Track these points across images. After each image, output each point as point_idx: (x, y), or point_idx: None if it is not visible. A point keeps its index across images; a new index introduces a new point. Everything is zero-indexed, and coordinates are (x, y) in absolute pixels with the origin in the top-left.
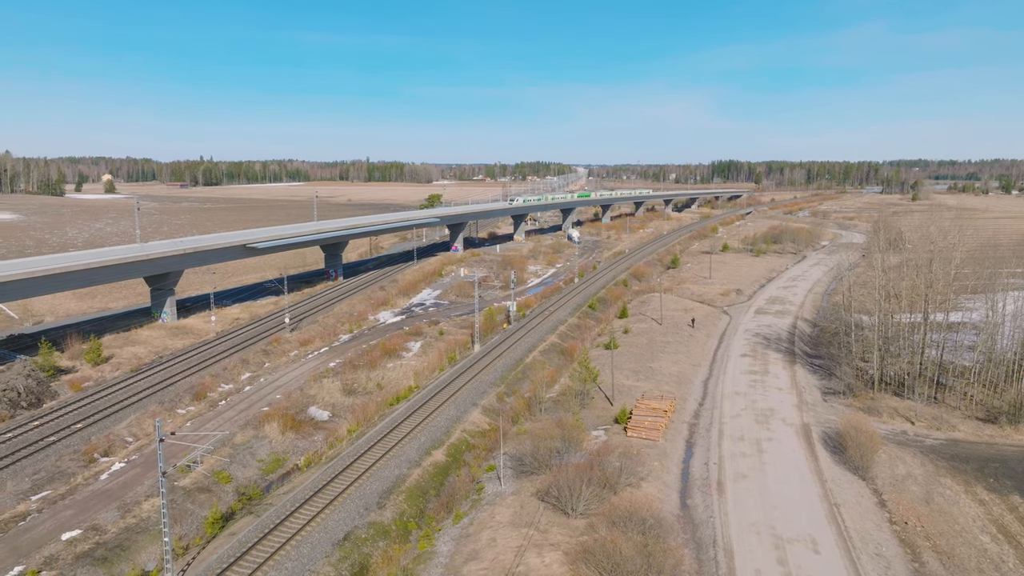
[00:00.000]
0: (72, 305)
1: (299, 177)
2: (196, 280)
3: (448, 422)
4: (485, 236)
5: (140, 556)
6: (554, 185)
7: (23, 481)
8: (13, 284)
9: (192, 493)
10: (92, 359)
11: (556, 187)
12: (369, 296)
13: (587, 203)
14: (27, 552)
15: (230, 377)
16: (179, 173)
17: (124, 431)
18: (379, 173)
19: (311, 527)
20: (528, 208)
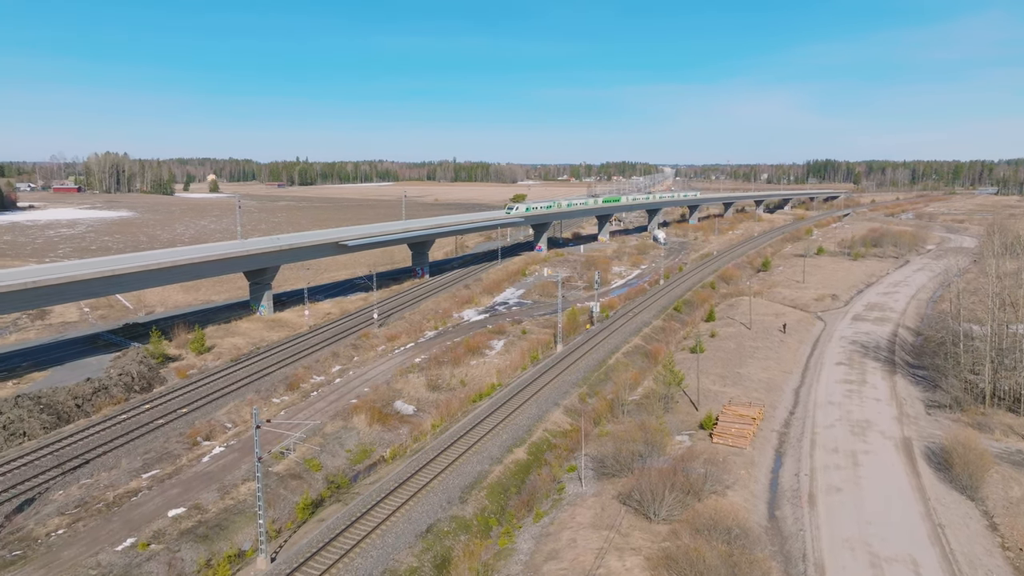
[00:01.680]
0: (179, 297)
1: (388, 177)
2: (291, 275)
3: (530, 421)
4: (569, 236)
5: (237, 536)
6: (640, 185)
7: (135, 460)
8: (129, 277)
9: (285, 479)
10: (196, 348)
11: (642, 187)
12: (454, 294)
13: (671, 204)
14: (138, 526)
15: (321, 369)
16: (277, 173)
17: (224, 417)
18: (465, 173)
19: (396, 518)
20: (611, 208)
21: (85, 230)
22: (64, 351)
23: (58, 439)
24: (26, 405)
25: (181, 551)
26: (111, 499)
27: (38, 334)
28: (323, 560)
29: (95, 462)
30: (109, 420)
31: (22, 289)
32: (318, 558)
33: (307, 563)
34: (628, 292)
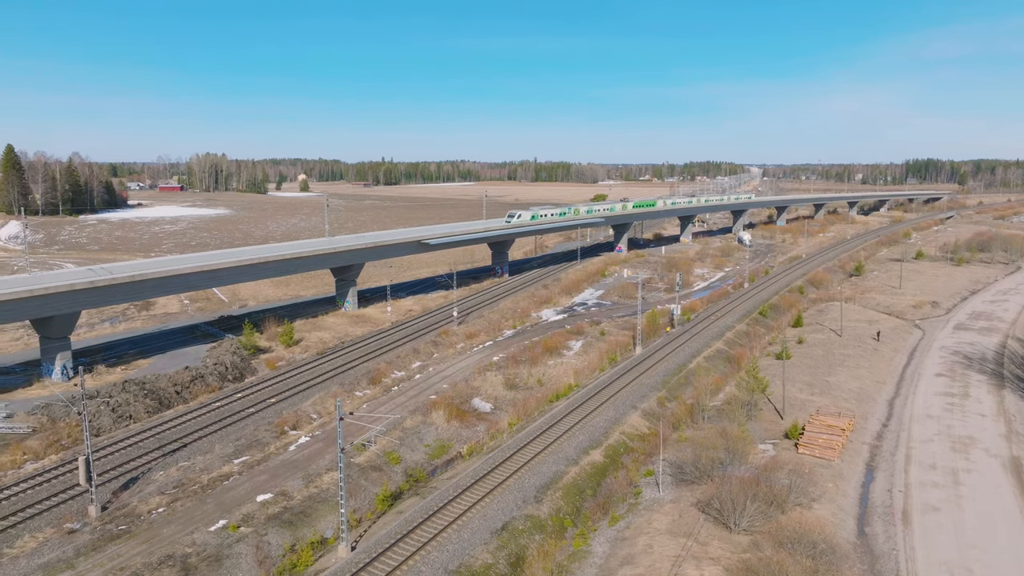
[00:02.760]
0: (271, 292)
1: (470, 177)
2: (375, 272)
3: (607, 423)
4: (650, 237)
5: (320, 523)
6: (724, 186)
7: (228, 446)
8: (224, 272)
9: (366, 470)
10: (285, 341)
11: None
12: (533, 294)
13: (758, 204)
14: (229, 509)
15: (402, 365)
16: (363, 173)
17: (310, 408)
18: (546, 173)
19: (471, 514)
20: (693, 209)
21: (186, 227)
22: (166, 340)
23: (160, 423)
24: (132, 390)
25: (268, 535)
26: (205, 482)
27: (143, 324)
28: (401, 551)
29: (192, 446)
30: (205, 407)
31: (130, 282)
32: (396, 549)
33: (386, 554)
34: (710, 295)
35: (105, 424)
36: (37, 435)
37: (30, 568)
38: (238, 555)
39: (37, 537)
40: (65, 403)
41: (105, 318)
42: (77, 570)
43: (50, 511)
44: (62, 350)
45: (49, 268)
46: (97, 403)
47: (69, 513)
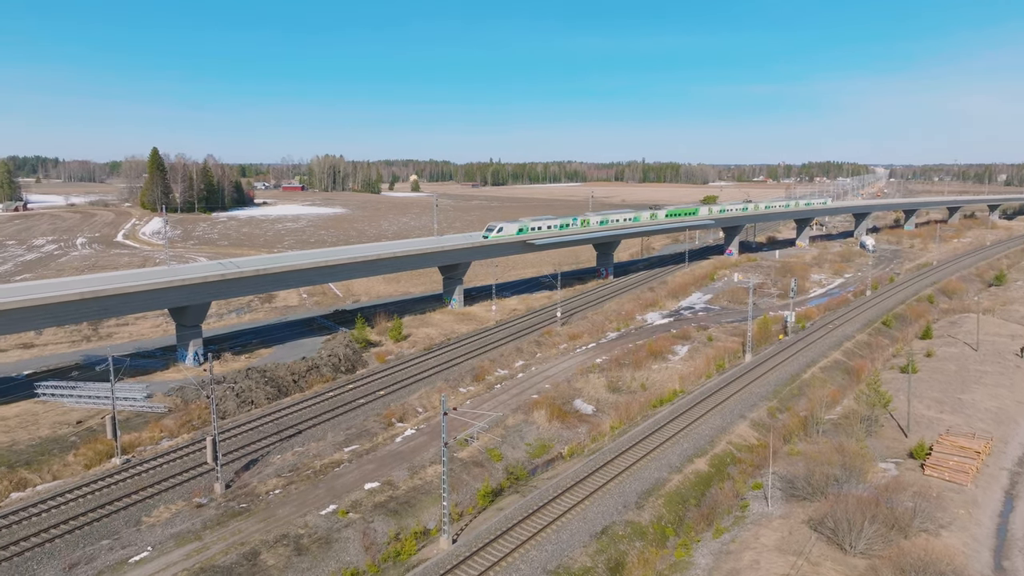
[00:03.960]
0: (382, 288)
1: (576, 178)
2: (481, 271)
3: (712, 431)
4: (763, 240)
5: (423, 514)
6: (845, 187)
7: (339, 434)
8: (340, 268)
9: (468, 466)
10: (394, 336)
11: (848, 190)
12: (638, 296)
13: (882, 207)
14: (339, 494)
15: (506, 363)
16: (471, 174)
17: (416, 402)
18: (654, 174)
19: (571, 515)
20: (811, 212)
21: (306, 224)
22: (285, 332)
23: (278, 409)
24: (255, 377)
25: (374, 522)
26: (318, 467)
27: (266, 316)
28: (500, 547)
29: (306, 433)
30: (319, 396)
31: (255, 276)
32: (496, 545)
33: (486, 548)
34: (828, 302)
35: (230, 408)
36: (172, 415)
37: (164, 536)
38: (346, 539)
39: (170, 508)
40: (196, 387)
41: (232, 309)
42: (204, 542)
43: (181, 485)
44: (194, 337)
45: (185, 261)
46: (223, 388)
47: (197, 488)
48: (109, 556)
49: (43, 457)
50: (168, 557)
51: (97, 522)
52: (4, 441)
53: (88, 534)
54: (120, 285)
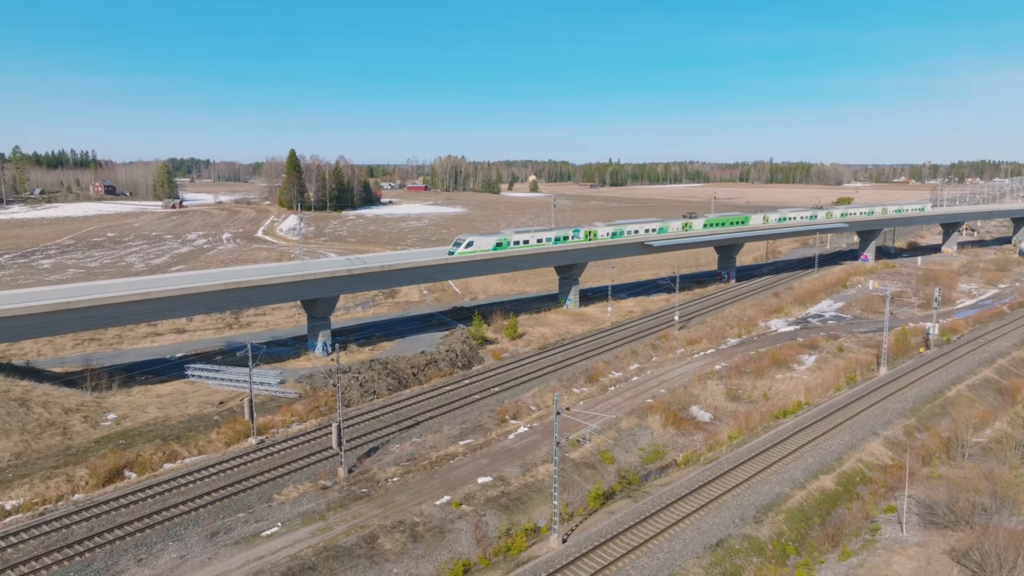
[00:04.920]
0: (499, 286)
1: (698, 179)
2: (597, 272)
3: (840, 447)
4: (903, 246)
5: (533, 512)
6: (1003, 189)
7: (454, 428)
8: (458, 266)
9: (580, 466)
10: (510, 334)
11: (1006, 191)
12: (761, 302)
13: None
14: (453, 486)
15: (620, 365)
16: (590, 174)
17: (529, 400)
18: (782, 175)
19: (684, 524)
20: (960, 216)
21: (428, 223)
22: (406, 326)
23: (398, 400)
24: (377, 368)
25: (486, 516)
26: (434, 459)
27: (389, 310)
28: (610, 551)
29: (423, 424)
30: (436, 390)
31: (380, 272)
32: (606, 548)
33: (596, 551)
34: (979, 314)
35: (354, 397)
36: (302, 400)
37: (292, 514)
38: (459, 531)
39: (298, 488)
40: (324, 375)
41: (358, 303)
42: (327, 522)
43: (309, 468)
44: (324, 329)
45: (316, 257)
46: (349, 378)
47: (323, 471)
48: (244, 528)
49: (190, 433)
50: (295, 534)
51: (235, 496)
52: (159, 416)
53: (227, 506)
54: (259, 278)
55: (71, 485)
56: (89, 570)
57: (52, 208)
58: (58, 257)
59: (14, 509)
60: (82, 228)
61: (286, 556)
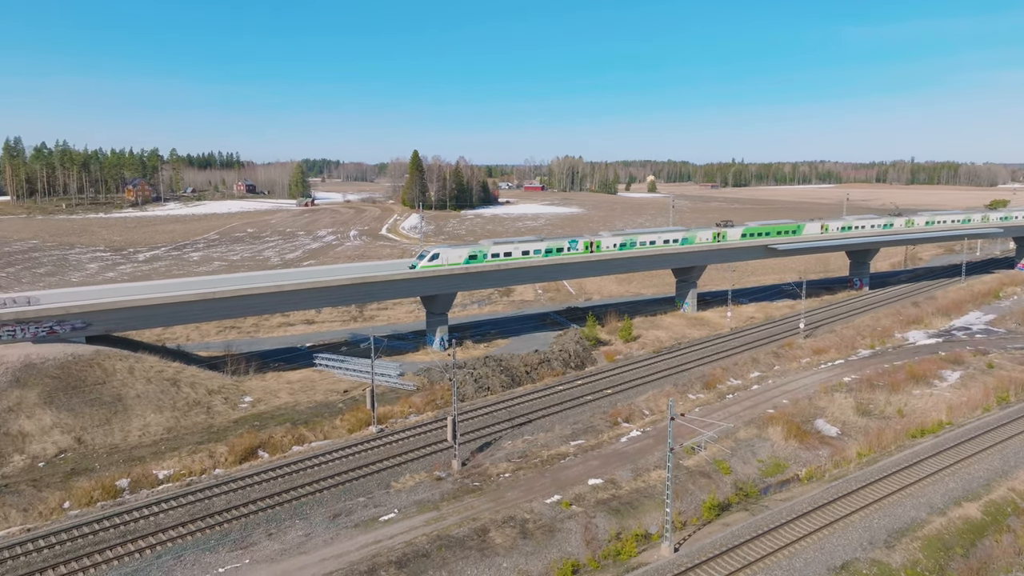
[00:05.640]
0: (613, 288)
1: (830, 179)
2: (716, 276)
3: (989, 473)
4: None
5: (644, 518)
6: None
7: (566, 427)
8: (573, 266)
9: (694, 475)
10: (624, 336)
11: None
12: (898, 311)
13: None
14: (563, 486)
15: (739, 373)
16: (711, 174)
17: (642, 404)
18: (924, 175)
19: (806, 543)
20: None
21: (544, 223)
22: (520, 324)
23: (510, 398)
24: (491, 365)
25: (596, 518)
26: (545, 457)
27: (503, 308)
28: (725, 564)
29: (535, 423)
30: (548, 389)
31: (495, 270)
32: (720, 561)
33: (709, 562)
34: None
35: (468, 392)
36: (419, 393)
37: (408, 502)
38: (568, 530)
39: (414, 477)
40: (441, 369)
41: (474, 300)
42: (441, 512)
43: (424, 458)
44: (441, 324)
45: None
46: (464, 373)
47: (437, 463)
48: (364, 512)
49: (317, 418)
50: (410, 521)
51: (355, 481)
52: (289, 401)
53: (348, 490)
54: (383, 273)
55: (213, 460)
56: (227, 540)
57: (201, 205)
58: (205, 250)
59: (166, 478)
60: (226, 224)
61: (401, 542)
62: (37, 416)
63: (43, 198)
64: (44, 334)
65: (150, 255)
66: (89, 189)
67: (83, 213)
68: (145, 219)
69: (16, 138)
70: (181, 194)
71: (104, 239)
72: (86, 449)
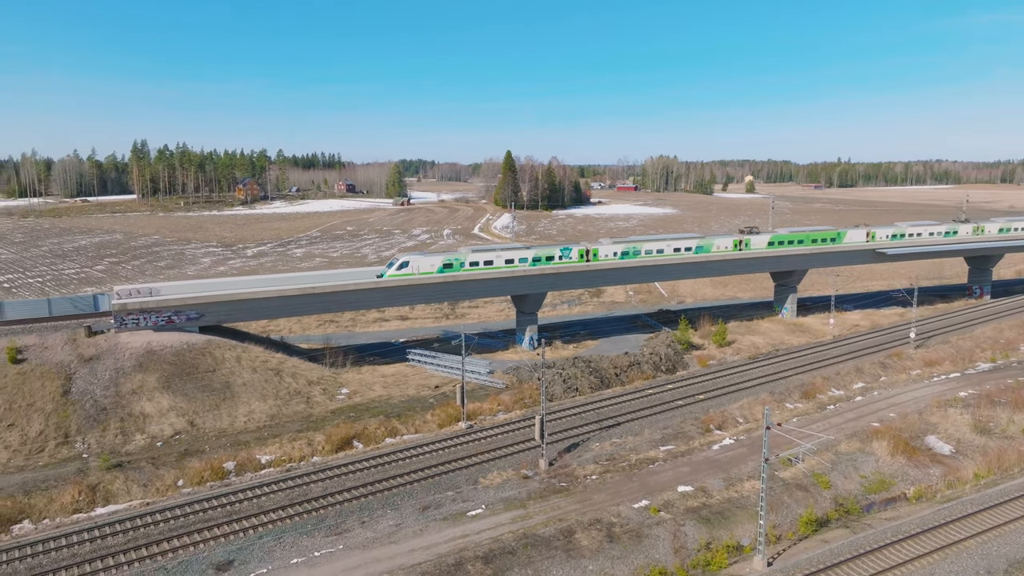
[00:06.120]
0: (708, 291)
1: (947, 179)
2: (818, 280)
3: None
4: None
5: (736, 529)
6: None
7: (655, 432)
8: (666, 268)
9: (790, 487)
10: (718, 341)
11: None
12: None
13: None
14: (652, 491)
15: (842, 383)
16: (815, 174)
17: (736, 411)
18: None
19: (913, 566)
20: None
21: (636, 224)
22: (610, 326)
23: (599, 399)
24: (580, 366)
25: (685, 526)
26: (633, 461)
27: (593, 309)
28: None
29: (624, 426)
30: (638, 392)
31: (585, 271)
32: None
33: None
34: None
35: (557, 392)
36: (508, 391)
37: (495, 499)
38: (656, 537)
39: (502, 475)
40: (529, 369)
41: (564, 300)
42: (527, 510)
43: (512, 456)
44: (531, 323)
45: None
46: (553, 373)
47: (524, 461)
48: (452, 506)
49: (409, 412)
50: (497, 518)
51: (444, 475)
52: (383, 395)
53: (437, 483)
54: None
55: (311, 448)
56: (322, 525)
57: (304, 204)
58: (307, 247)
59: (268, 463)
60: (327, 222)
61: (488, 538)
62: (156, 399)
63: (164, 196)
64: (163, 323)
65: (257, 251)
66: (204, 188)
67: (198, 210)
68: (253, 217)
69: (143, 141)
70: (286, 193)
71: (216, 235)
72: (197, 432)
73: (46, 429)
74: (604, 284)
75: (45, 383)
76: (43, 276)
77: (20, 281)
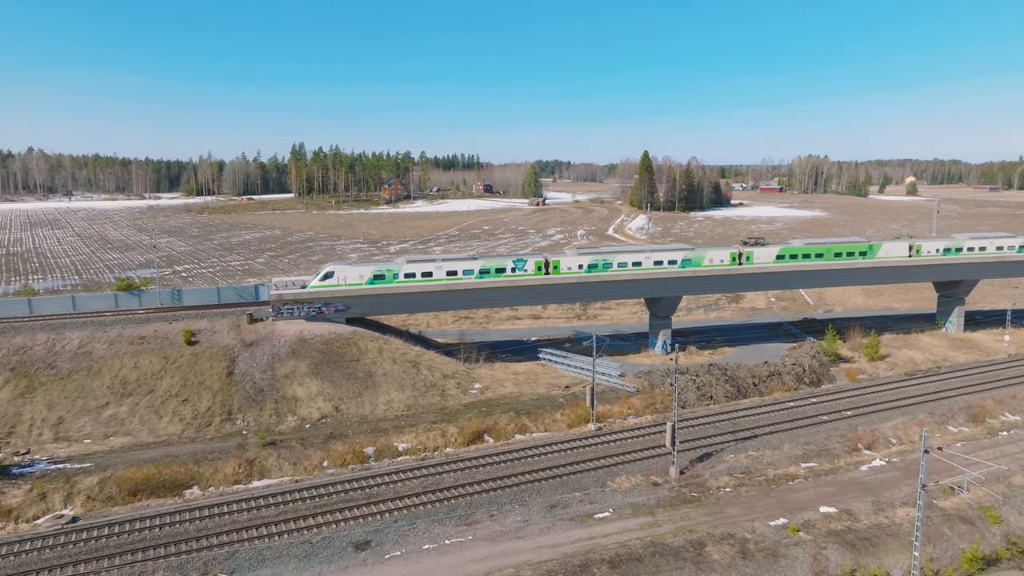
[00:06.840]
0: (859, 300)
1: None
2: (991, 292)
3: None
4: None
5: (886, 559)
6: None
7: (796, 447)
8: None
9: (951, 519)
10: (870, 354)
11: None
12: None
13: None
14: (790, 509)
15: (1017, 407)
16: (990, 175)
17: (888, 431)
18: None
19: None
20: None
21: (781, 227)
22: (749, 333)
23: (735, 409)
24: (715, 373)
25: (827, 549)
26: (771, 476)
27: (732, 315)
28: None
29: (761, 439)
30: (778, 404)
31: (724, 275)
32: None
33: None
34: None
35: (690, 399)
36: (639, 395)
37: (623, 503)
38: (794, 558)
39: (630, 479)
40: (662, 373)
41: (700, 305)
42: (656, 518)
43: (641, 461)
44: (664, 328)
45: None
46: (686, 379)
47: (654, 468)
48: (579, 507)
49: (538, 410)
50: (624, 523)
51: (572, 475)
52: (514, 392)
53: (565, 483)
54: (608, 274)
55: (444, 439)
56: (453, 515)
57: (443, 203)
58: (446, 245)
59: (404, 451)
60: (464, 221)
61: (615, 542)
62: (306, 384)
63: (318, 195)
64: (314, 314)
65: (399, 248)
66: (353, 187)
67: (347, 209)
68: (397, 215)
69: (300, 143)
70: (428, 193)
71: (363, 232)
72: (342, 417)
73: (213, 406)
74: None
75: (213, 364)
76: (214, 267)
77: (195, 271)
